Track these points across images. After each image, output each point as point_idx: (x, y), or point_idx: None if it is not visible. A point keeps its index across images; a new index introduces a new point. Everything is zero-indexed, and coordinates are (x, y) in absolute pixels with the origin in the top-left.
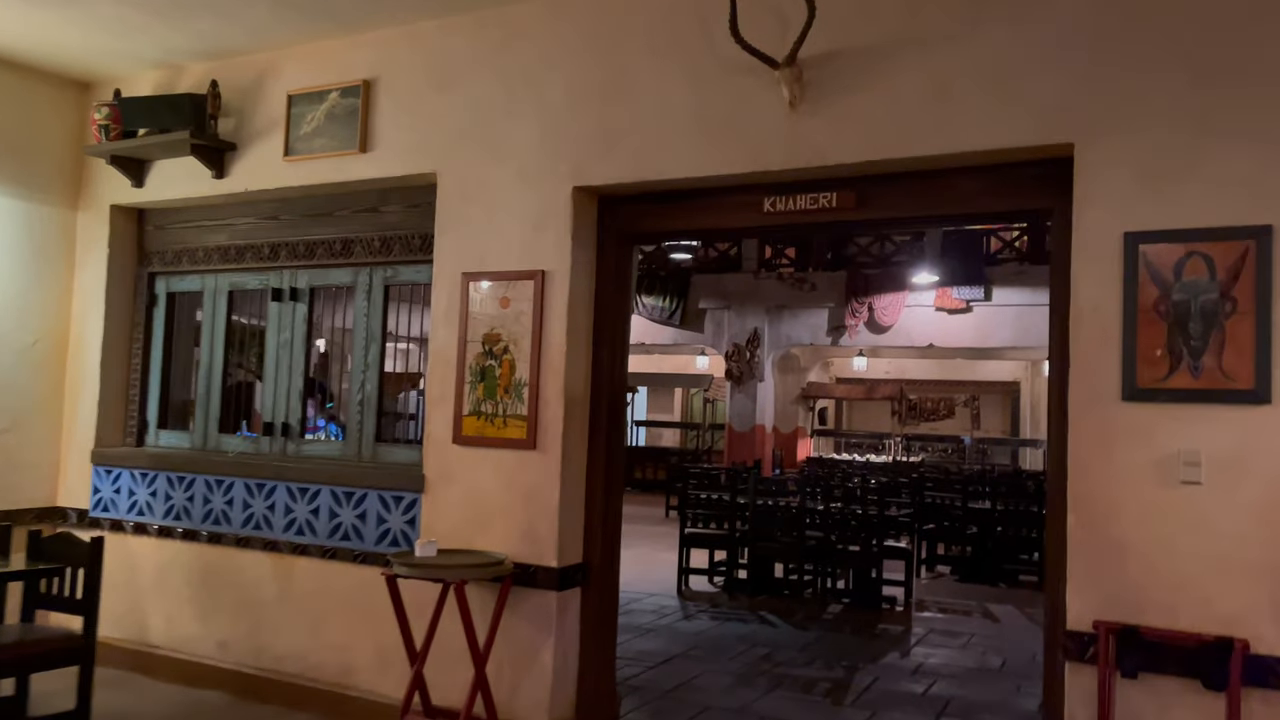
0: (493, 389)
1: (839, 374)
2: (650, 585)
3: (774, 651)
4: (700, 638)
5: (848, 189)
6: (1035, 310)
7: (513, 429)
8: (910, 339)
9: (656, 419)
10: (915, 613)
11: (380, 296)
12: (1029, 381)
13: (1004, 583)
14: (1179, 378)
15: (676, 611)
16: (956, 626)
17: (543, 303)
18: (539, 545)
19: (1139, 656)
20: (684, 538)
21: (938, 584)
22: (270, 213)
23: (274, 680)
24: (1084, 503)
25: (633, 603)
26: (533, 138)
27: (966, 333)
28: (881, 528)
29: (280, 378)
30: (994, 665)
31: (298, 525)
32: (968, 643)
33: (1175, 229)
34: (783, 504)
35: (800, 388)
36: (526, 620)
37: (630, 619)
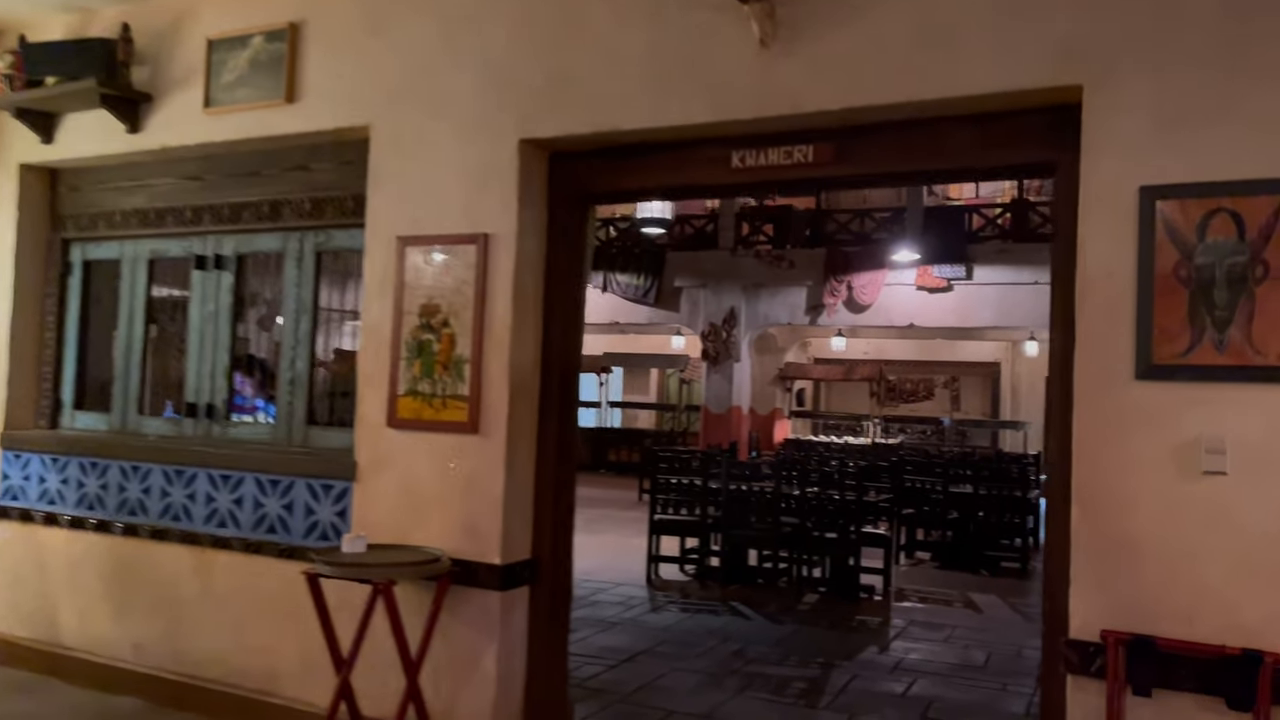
0: (430, 366)
1: (817, 354)
2: (618, 574)
3: (746, 647)
4: (668, 632)
5: (826, 141)
6: (1018, 289)
7: (452, 411)
8: (890, 318)
9: (632, 400)
10: (894, 603)
11: (312, 264)
12: (1009, 363)
13: (985, 570)
14: (1201, 353)
15: (644, 603)
16: (937, 618)
17: (486, 270)
18: (481, 540)
19: (1153, 671)
20: (654, 524)
21: (917, 571)
22: (192, 172)
23: (193, 686)
24: (1090, 495)
25: (599, 593)
26: (475, 86)
27: (947, 312)
28: (860, 514)
29: (204, 354)
30: (978, 661)
31: (219, 516)
32: (949, 636)
33: (1199, 182)
34: (757, 489)
35: (777, 368)
36: (467, 623)
37: (595, 611)
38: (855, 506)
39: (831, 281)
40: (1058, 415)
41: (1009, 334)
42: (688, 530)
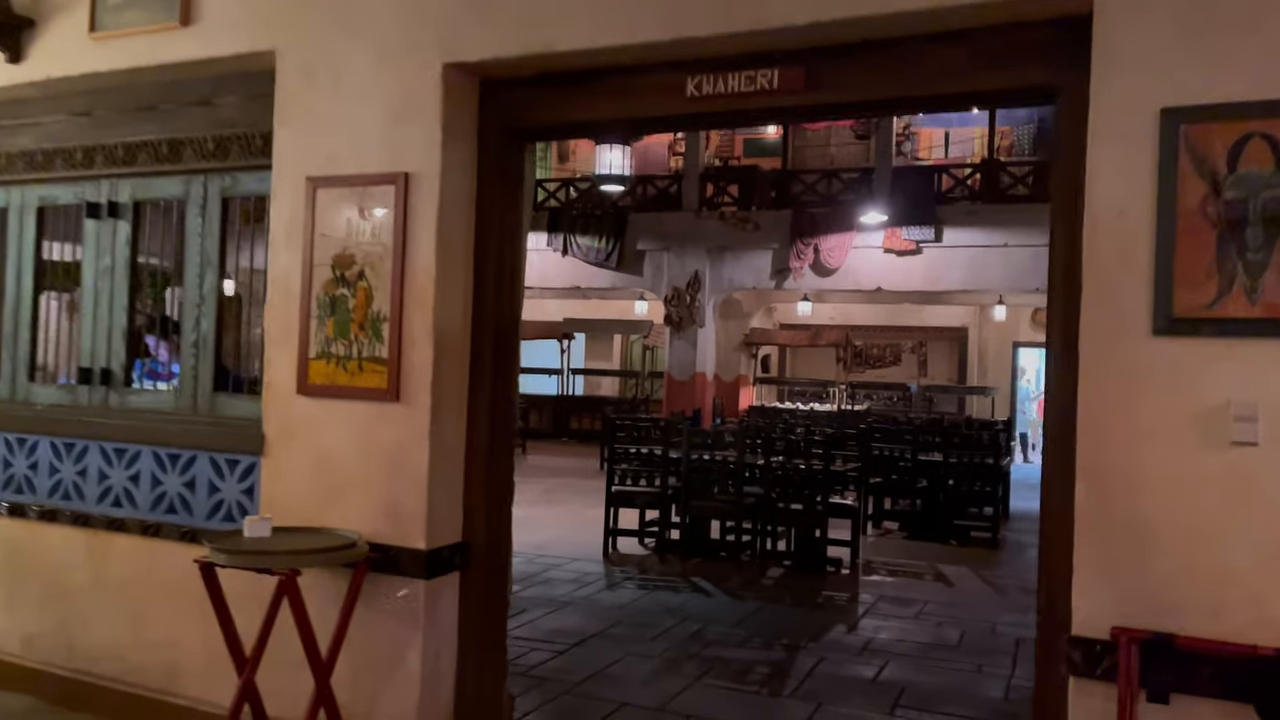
0: (345, 325)
1: (783, 320)
2: (574, 548)
3: (706, 627)
4: (624, 611)
5: (794, 64)
6: (988, 252)
7: (370, 376)
8: (858, 282)
9: (595, 367)
10: (862, 576)
11: (217, 212)
12: (977, 328)
13: (955, 540)
14: (1230, 303)
15: (600, 579)
16: (907, 592)
17: (406, 214)
18: (404, 522)
19: (1172, 674)
20: (611, 496)
21: (885, 542)
22: (81, 108)
23: (88, 684)
24: (1098, 471)
25: (551, 569)
26: (393, 2)
27: (916, 275)
28: (827, 483)
29: (100, 313)
30: (951, 640)
31: (114, 495)
32: (920, 612)
33: (1231, 102)
34: (720, 458)
35: (743, 334)
36: (388, 615)
37: (546, 590)
38: (822, 476)
39: (798, 244)
40: (1059, 379)
41: (977, 298)
42: (647, 502)
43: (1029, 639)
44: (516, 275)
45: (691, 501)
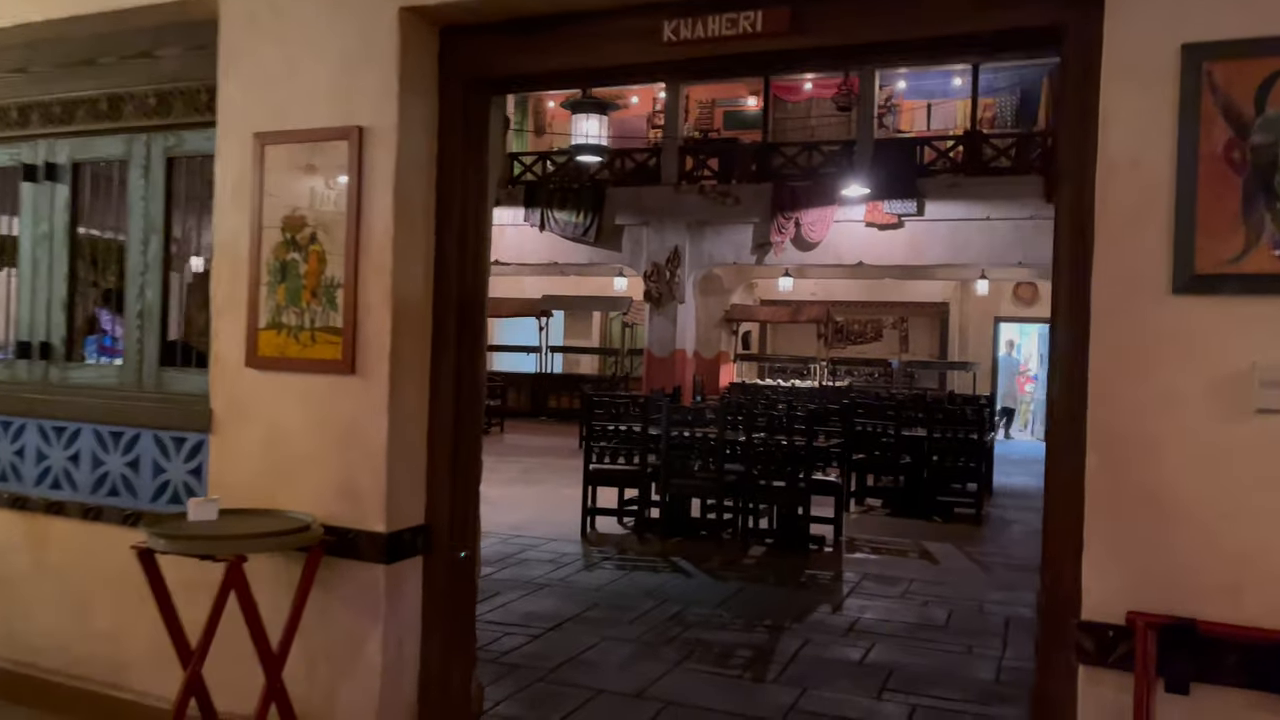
0: (297, 293)
1: (764, 296)
2: (551, 528)
3: (686, 609)
4: (601, 593)
5: (779, 5)
6: (970, 226)
7: (324, 347)
8: (839, 256)
9: (573, 345)
10: (846, 554)
11: (161, 173)
12: (958, 302)
13: (939, 517)
14: (1257, 258)
15: (578, 560)
16: (892, 570)
17: (361, 172)
18: (361, 503)
19: (1193, 662)
20: (589, 474)
21: (869, 519)
22: (16, 62)
23: (30, 677)
24: (1110, 441)
25: (527, 550)
26: None
27: (897, 249)
28: (809, 460)
29: (39, 284)
30: (938, 620)
31: (54, 476)
32: (906, 591)
33: (1260, 37)
34: (700, 435)
35: (723, 310)
36: (345, 603)
37: (522, 571)
38: (804, 452)
39: (779, 218)
40: (1067, 344)
41: (959, 272)
42: (626, 480)
43: (1019, 618)
44: (481, 238)
45: (671, 480)
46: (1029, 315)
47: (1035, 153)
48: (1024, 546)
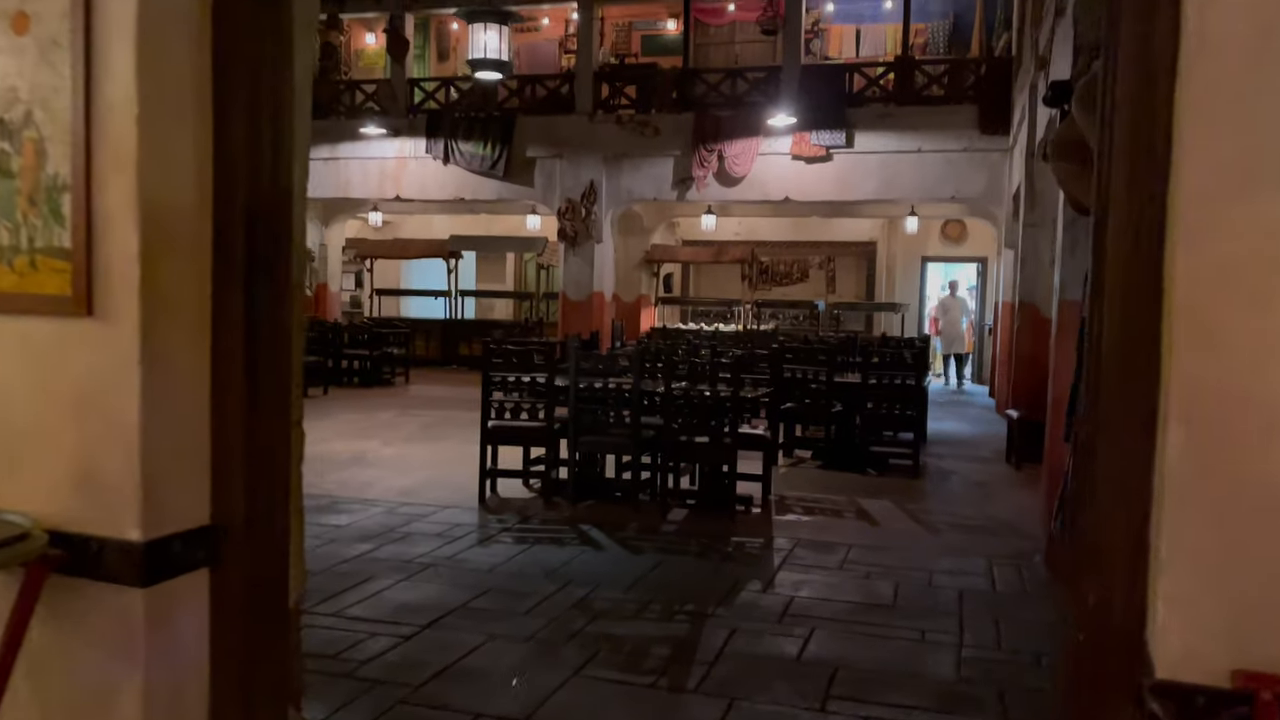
0: (9, 202)
1: (686, 236)
2: (447, 493)
3: (593, 592)
4: (495, 575)
5: None
6: (901, 158)
7: (48, 277)
8: (765, 192)
9: (486, 289)
10: (776, 515)
11: None
12: (886, 241)
13: (873, 469)
14: None
15: (471, 532)
16: (827, 533)
17: (90, 17)
18: (107, 499)
19: None
20: (488, 432)
21: (798, 474)
22: None
23: None
24: (1208, 408)
25: (414, 521)
26: None
27: (826, 184)
28: (735, 412)
29: None
30: (884, 597)
31: None
32: (845, 560)
33: None
34: (613, 386)
35: (643, 251)
36: (88, 641)
37: (402, 550)
38: (730, 404)
39: (701, 150)
40: (1123, 260)
41: (888, 209)
42: (530, 438)
43: (974, 592)
44: (285, 120)
45: (581, 437)
46: (957, 254)
47: (969, 80)
48: (968, 502)
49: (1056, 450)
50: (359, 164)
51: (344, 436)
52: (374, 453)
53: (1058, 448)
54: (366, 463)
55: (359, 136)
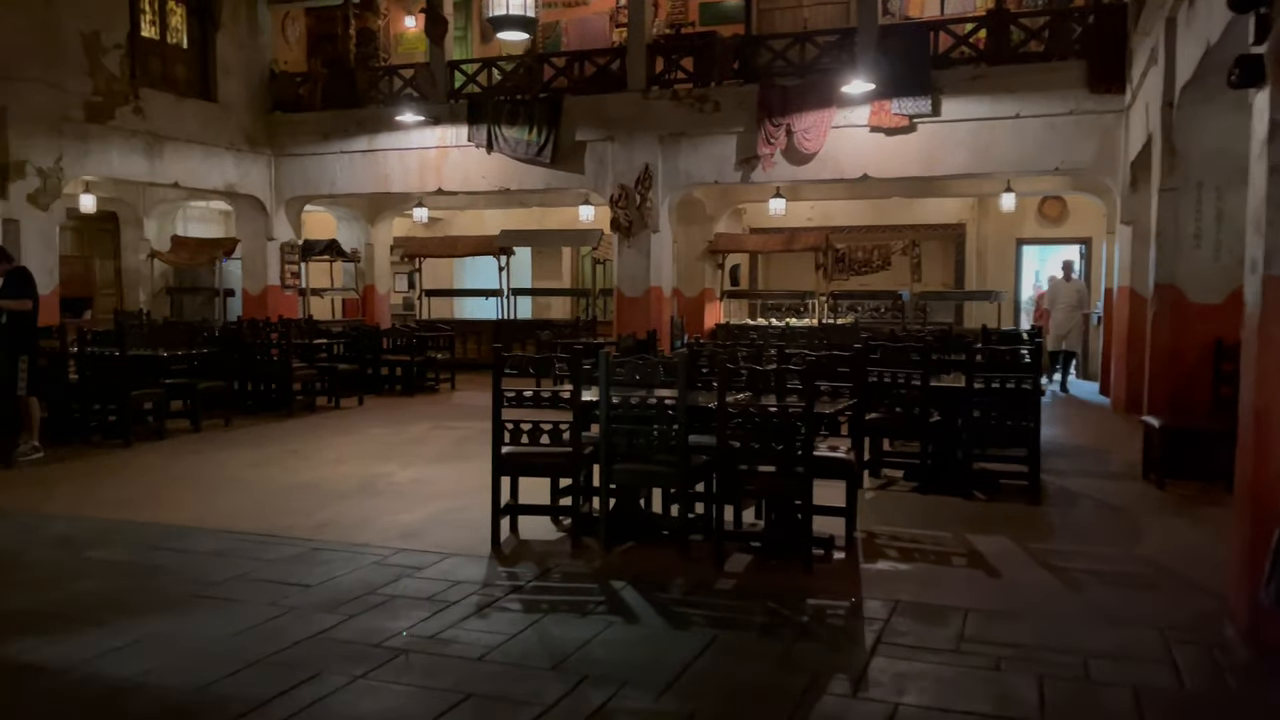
0: None
1: (753, 224)
2: (457, 534)
3: (616, 697)
4: (485, 668)
5: None
6: (995, 126)
7: None
8: (840, 169)
9: (544, 285)
10: (864, 563)
11: None
12: (976, 223)
13: (981, 491)
14: None
15: (473, 594)
16: (934, 592)
17: None
18: None
19: None
20: (500, 461)
21: (889, 501)
22: None
23: None
24: None
25: (407, 576)
26: None
27: (909, 159)
28: (809, 430)
29: None
30: (1027, 705)
31: None
32: (962, 637)
33: None
34: (655, 400)
35: (706, 241)
36: None
37: (373, 624)
38: (802, 421)
39: (767, 125)
40: None
41: (978, 186)
42: (551, 468)
43: (1152, 691)
44: None
45: (614, 465)
46: (1057, 236)
47: (1075, 33)
48: (1109, 538)
49: (1264, 478)
50: (398, 155)
51: (360, 458)
52: (387, 479)
53: (1266, 476)
54: (374, 492)
55: (397, 126)
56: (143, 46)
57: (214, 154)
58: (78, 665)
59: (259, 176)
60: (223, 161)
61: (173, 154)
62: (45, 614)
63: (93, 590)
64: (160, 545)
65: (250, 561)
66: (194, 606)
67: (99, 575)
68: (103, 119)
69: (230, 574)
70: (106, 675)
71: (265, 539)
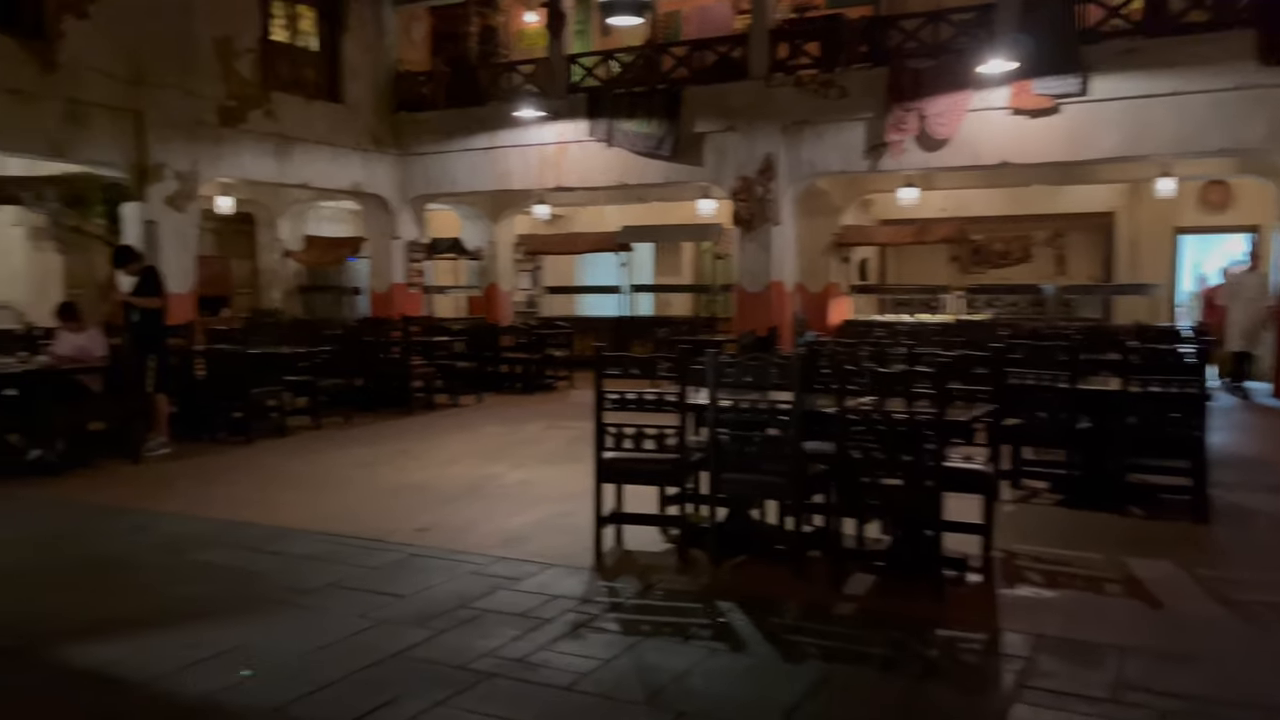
0: None
1: (882, 215)
2: (561, 540)
3: None
4: (574, 699)
5: None
6: (1152, 105)
7: None
8: (976, 155)
9: (665, 282)
10: (1002, 588)
11: None
12: (1128, 210)
13: (1138, 505)
14: None
15: (569, 610)
16: (1085, 625)
17: None
18: None
19: None
20: (602, 467)
21: (1032, 515)
22: None
23: None
24: None
25: (503, 588)
26: None
27: (1053, 142)
28: (941, 439)
29: None
30: None
31: None
32: (1121, 683)
33: None
34: (764, 406)
35: (831, 233)
36: None
37: (461, 642)
38: (933, 429)
39: (897, 111)
40: None
41: (1130, 171)
42: (654, 475)
43: None
44: None
45: (723, 474)
46: (1220, 224)
47: (1243, 0)
48: None
49: None
50: (518, 152)
51: (472, 457)
52: (497, 480)
53: None
54: (482, 494)
55: (517, 123)
56: (273, 51)
57: (341, 154)
58: (161, 678)
59: (384, 176)
60: (349, 161)
61: (301, 155)
62: (140, 621)
63: (190, 596)
64: (261, 548)
65: (346, 568)
66: (284, 616)
67: (198, 580)
68: (235, 123)
69: (325, 580)
70: (186, 691)
71: (365, 543)
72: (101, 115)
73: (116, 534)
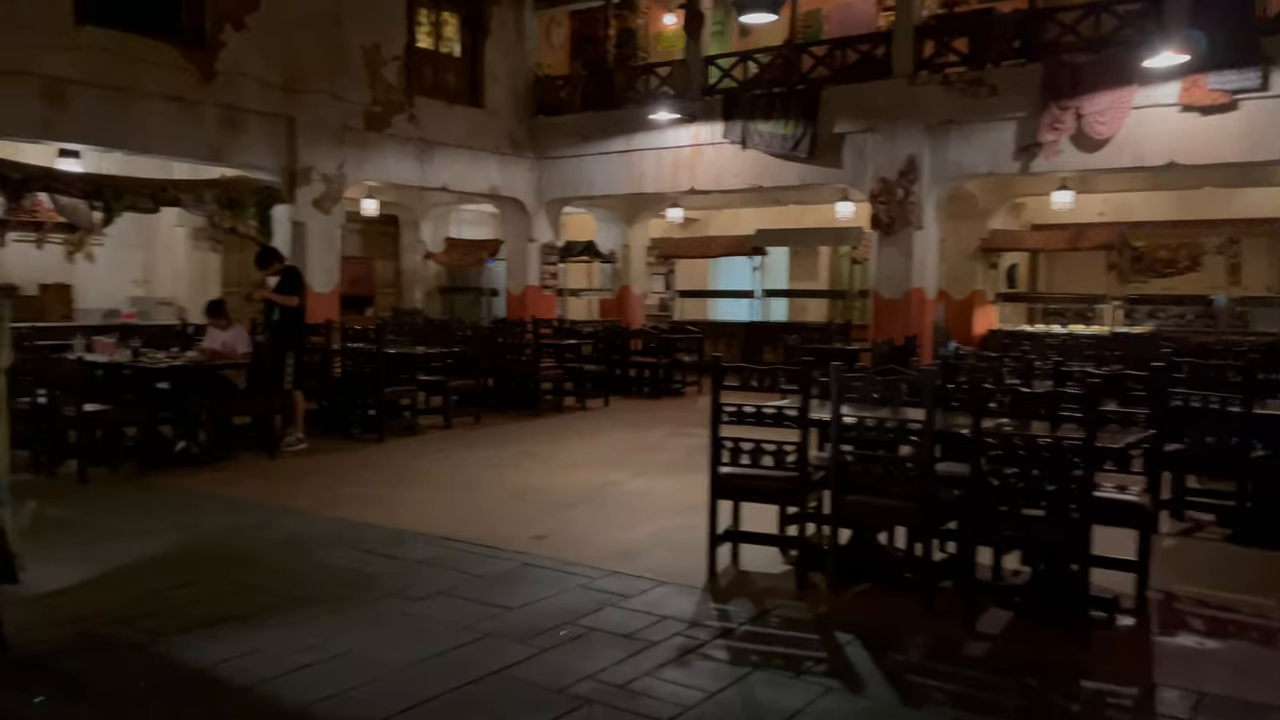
0: None
1: (1034, 219)
2: (675, 557)
3: None
4: None
5: None
6: None
7: None
8: (1139, 156)
9: (801, 287)
10: (1158, 635)
11: None
12: None
13: None
14: None
15: (677, 634)
16: (1255, 684)
17: None
18: None
19: None
20: (718, 483)
21: (1195, 552)
22: None
23: None
24: None
25: (608, 606)
26: None
27: (1228, 141)
28: (1089, 467)
29: None
30: None
31: None
32: None
33: None
34: (893, 423)
35: (978, 238)
36: None
37: (561, 663)
38: (1081, 456)
39: (1053, 109)
40: None
41: None
42: (773, 493)
43: None
44: None
45: (846, 495)
46: None
47: None
48: None
49: None
50: (653, 155)
51: (594, 463)
52: (617, 487)
53: None
54: (600, 501)
55: (652, 126)
56: (417, 57)
57: (480, 158)
58: (263, 683)
59: (521, 179)
60: (488, 165)
61: (442, 158)
62: (254, 623)
63: (305, 597)
64: (379, 550)
65: (458, 575)
66: (392, 623)
67: (315, 581)
68: (380, 127)
69: (436, 588)
70: (285, 698)
71: (479, 550)
72: (256, 121)
73: (245, 530)
